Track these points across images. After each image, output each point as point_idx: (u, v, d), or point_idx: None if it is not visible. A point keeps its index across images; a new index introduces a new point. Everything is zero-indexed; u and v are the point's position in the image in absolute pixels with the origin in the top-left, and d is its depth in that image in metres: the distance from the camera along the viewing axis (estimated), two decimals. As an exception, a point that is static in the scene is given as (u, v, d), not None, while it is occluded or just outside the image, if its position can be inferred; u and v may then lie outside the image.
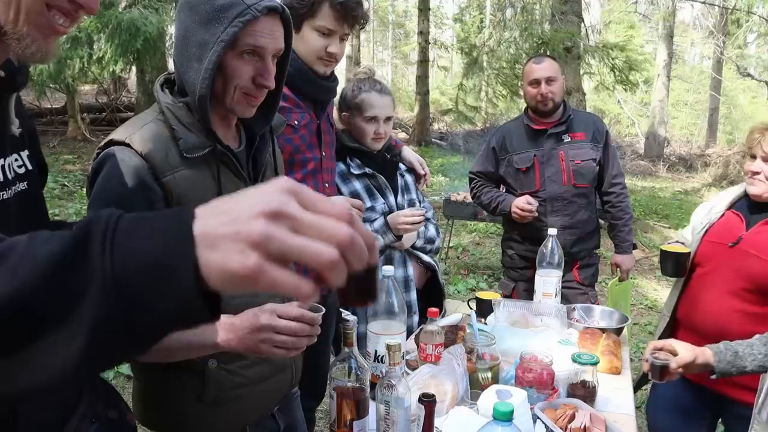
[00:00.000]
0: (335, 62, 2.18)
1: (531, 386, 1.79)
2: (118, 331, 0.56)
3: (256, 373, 1.54)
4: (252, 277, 0.55)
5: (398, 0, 34.93)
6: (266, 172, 1.61)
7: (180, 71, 1.42)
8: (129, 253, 0.56)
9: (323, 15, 2.07)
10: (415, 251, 2.53)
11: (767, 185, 2.12)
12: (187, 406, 1.49)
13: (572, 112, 3.17)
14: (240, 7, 1.34)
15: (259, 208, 0.56)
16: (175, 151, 1.38)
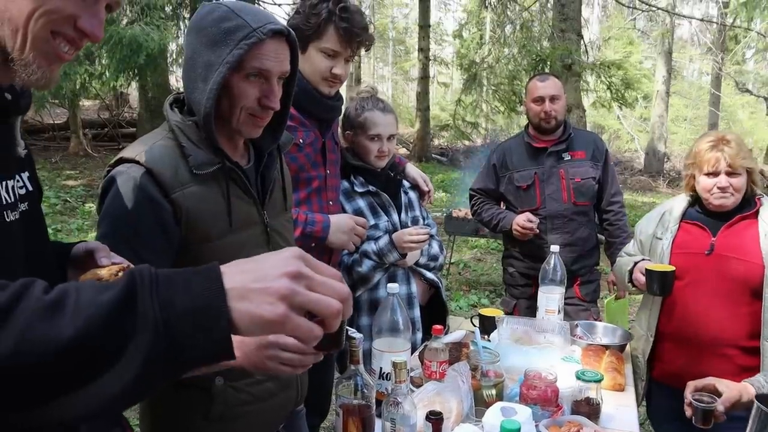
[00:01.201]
0: (340, 83, 2.22)
1: (535, 403, 1.80)
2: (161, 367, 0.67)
3: (263, 391, 1.56)
4: (280, 322, 0.69)
5: (398, 17, 35.21)
6: (274, 189, 1.63)
7: (188, 91, 1.46)
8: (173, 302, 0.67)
9: (329, 37, 2.10)
10: (419, 268, 2.54)
11: (735, 197, 2.26)
12: (193, 423, 1.51)
13: (572, 131, 3.20)
14: (246, 30, 1.37)
15: (283, 269, 0.71)
16: (185, 167, 1.41)
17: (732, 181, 2.24)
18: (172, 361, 0.67)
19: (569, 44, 7.28)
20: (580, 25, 8.02)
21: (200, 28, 1.41)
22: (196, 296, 0.68)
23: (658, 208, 2.56)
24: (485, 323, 2.51)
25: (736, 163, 2.22)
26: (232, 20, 1.38)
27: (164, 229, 1.37)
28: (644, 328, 2.45)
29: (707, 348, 2.23)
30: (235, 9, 1.40)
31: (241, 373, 1.43)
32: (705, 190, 2.30)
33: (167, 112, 1.48)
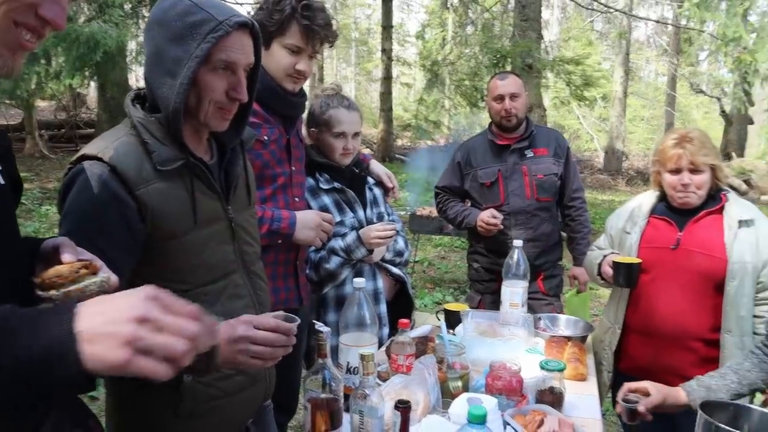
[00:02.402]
0: (304, 79, 2.22)
1: (501, 393, 1.83)
2: (17, 399, 0.75)
3: (231, 385, 1.55)
4: (123, 366, 0.74)
5: (361, 17, 35.23)
6: (238, 184, 1.62)
7: (153, 87, 1.43)
8: (23, 346, 0.73)
9: (292, 33, 2.10)
10: (385, 264, 2.56)
11: (699, 195, 2.31)
12: (163, 421, 1.49)
13: (534, 128, 3.25)
14: (212, 23, 1.37)
15: (131, 313, 0.75)
16: (149, 164, 1.39)
17: (694, 178, 2.28)
18: (26, 395, 0.75)
19: (530, 43, 7.39)
20: (540, 26, 8.15)
21: (163, 22, 1.40)
22: (47, 339, 0.74)
23: (628, 204, 2.60)
24: (450, 318, 2.54)
25: (698, 160, 2.26)
26: (196, 14, 1.38)
27: (129, 226, 1.36)
28: (612, 320, 2.50)
29: (672, 340, 2.28)
30: (197, 2, 1.39)
31: None
32: (670, 187, 2.35)
33: (129, 109, 1.46)
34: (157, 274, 1.38)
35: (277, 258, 2.22)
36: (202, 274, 1.47)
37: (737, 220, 2.26)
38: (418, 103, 9.15)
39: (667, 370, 2.22)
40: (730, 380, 1.82)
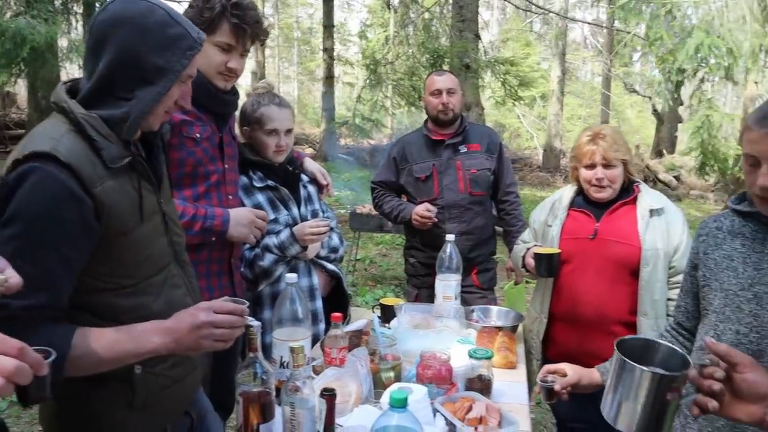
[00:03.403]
0: (235, 77, 2.22)
1: (431, 382, 1.88)
2: None
3: (178, 373, 1.58)
4: None
5: (303, 17, 35.03)
6: (163, 176, 1.64)
7: (119, 91, 1.43)
8: None
9: (222, 31, 2.10)
10: (320, 260, 2.58)
11: (612, 188, 2.43)
12: (114, 417, 1.49)
13: (468, 125, 3.34)
14: (190, 40, 1.45)
15: None
16: (99, 162, 1.38)
17: (607, 173, 2.40)
18: None
19: (466, 43, 7.53)
20: (477, 26, 8.29)
21: (142, 29, 1.41)
22: None
23: (549, 198, 2.71)
24: (386, 312, 2.59)
25: (610, 155, 2.38)
26: (174, 27, 1.44)
27: (86, 225, 1.35)
28: (538, 310, 2.59)
29: (594, 326, 2.39)
30: (171, 13, 1.45)
31: (158, 359, 1.48)
32: (585, 181, 2.46)
33: (68, 104, 1.41)
34: (106, 271, 1.42)
35: (211, 256, 2.21)
36: (147, 268, 1.50)
37: (649, 209, 2.40)
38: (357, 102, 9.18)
39: (591, 354, 2.32)
40: None
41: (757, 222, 1.63)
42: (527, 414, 1.97)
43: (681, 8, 6.62)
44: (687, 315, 1.84)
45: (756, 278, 1.58)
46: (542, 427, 3.79)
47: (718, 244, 1.70)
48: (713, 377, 1.16)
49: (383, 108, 8.94)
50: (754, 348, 1.55)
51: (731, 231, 1.69)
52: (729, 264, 1.65)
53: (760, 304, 1.56)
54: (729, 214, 1.74)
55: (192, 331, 1.39)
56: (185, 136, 2.12)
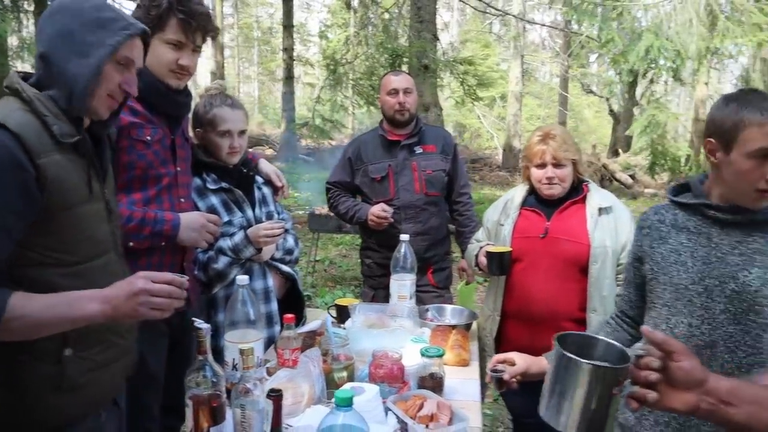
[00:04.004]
0: (188, 75, 2.20)
1: (383, 381, 1.90)
2: None
3: (107, 357, 1.62)
4: None
5: (263, 16, 34.78)
6: (109, 171, 1.72)
7: (57, 62, 1.52)
8: None
9: (171, 28, 2.09)
10: (274, 262, 2.57)
11: (562, 186, 2.49)
12: (42, 399, 1.50)
13: (423, 126, 3.36)
14: (123, 23, 1.57)
15: None
16: (47, 136, 1.47)
17: (557, 172, 2.46)
18: None
19: (424, 44, 7.58)
20: (435, 27, 8.35)
21: (77, 11, 1.54)
22: None
23: (502, 197, 2.76)
24: (341, 312, 2.60)
25: (560, 155, 2.44)
26: (109, 11, 1.57)
27: (26, 192, 1.42)
28: (491, 308, 2.63)
29: (545, 323, 2.43)
30: (108, 4, 1.59)
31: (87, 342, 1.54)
32: (536, 180, 2.52)
33: (21, 85, 1.51)
34: (45, 244, 1.47)
35: (162, 260, 2.18)
36: (87, 249, 1.56)
37: (597, 208, 2.46)
38: (316, 103, 9.16)
39: (543, 350, 2.34)
40: None
41: (702, 216, 1.70)
42: (479, 410, 2.01)
43: (631, 11, 6.80)
44: (630, 304, 1.92)
45: (705, 272, 1.65)
46: (499, 423, 3.85)
47: (662, 238, 1.77)
48: (650, 367, 1.14)
49: (342, 108, 8.93)
50: (706, 339, 1.64)
51: (675, 225, 1.76)
52: (677, 258, 1.71)
53: (710, 297, 1.64)
54: (670, 206, 1.81)
55: (129, 298, 1.43)
56: (135, 138, 2.09)
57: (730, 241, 1.65)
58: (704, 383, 1.12)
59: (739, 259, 1.62)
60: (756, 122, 1.55)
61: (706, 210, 1.69)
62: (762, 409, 1.08)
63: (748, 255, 1.62)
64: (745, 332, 1.61)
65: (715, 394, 1.11)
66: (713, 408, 1.11)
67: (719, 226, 1.67)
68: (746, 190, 1.60)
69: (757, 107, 1.56)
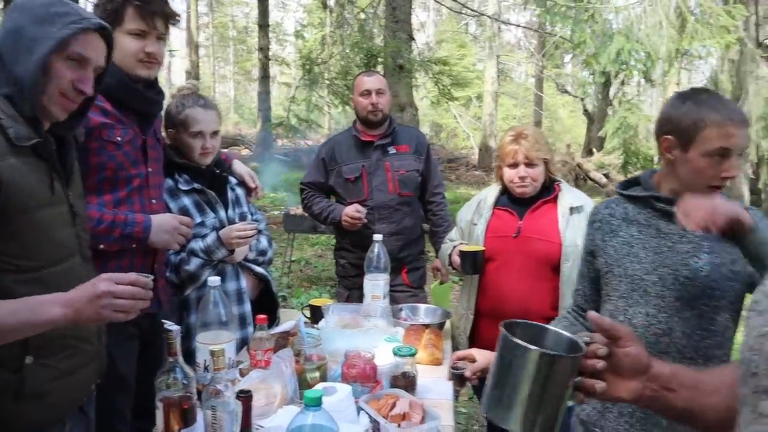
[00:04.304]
0: (156, 63, 2.16)
1: (355, 381, 1.90)
2: None
3: (68, 365, 1.58)
4: None
5: (239, 15, 34.57)
6: (74, 172, 1.69)
7: (7, 62, 1.49)
8: None
9: (130, 18, 2.06)
10: (248, 264, 2.57)
11: (534, 185, 2.52)
12: (2, 405, 1.48)
13: (396, 126, 3.38)
14: (74, 16, 1.51)
15: None
16: (3, 140, 1.44)
17: (529, 171, 2.49)
18: None
19: (399, 44, 7.60)
20: (410, 28, 8.38)
21: (27, 7, 1.51)
22: None
23: (475, 197, 2.78)
24: (315, 313, 2.61)
25: (532, 154, 2.47)
26: (61, 6, 1.51)
27: None
28: (465, 307, 2.65)
29: None
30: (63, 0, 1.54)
31: (50, 350, 1.52)
32: (509, 180, 2.55)
33: None
34: (6, 250, 1.44)
35: (132, 263, 2.16)
36: (50, 253, 1.53)
37: (569, 207, 2.50)
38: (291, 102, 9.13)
39: None
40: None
41: (651, 208, 1.77)
42: (451, 409, 2.02)
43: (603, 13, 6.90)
44: (585, 298, 1.97)
45: (658, 262, 1.72)
46: (474, 421, 3.88)
47: (614, 231, 1.83)
48: (596, 355, 1.06)
49: (317, 108, 8.90)
50: (663, 327, 1.70)
51: (626, 218, 1.82)
52: (629, 250, 1.78)
53: (665, 286, 1.70)
54: (620, 200, 1.88)
55: (92, 301, 1.40)
56: (105, 139, 2.06)
57: (678, 231, 1.72)
58: (648, 369, 1.08)
59: (688, 247, 1.70)
60: (715, 123, 1.61)
61: (655, 203, 1.76)
62: (701, 394, 1.06)
63: (696, 242, 1.70)
64: (699, 316, 1.69)
65: (658, 380, 1.08)
66: (656, 394, 1.08)
67: (668, 218, 1.74)
68: (700, 186, 1.67)
69: (714, 108, 1.63)
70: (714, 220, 1.49)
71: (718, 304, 1.68)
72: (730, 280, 1.68)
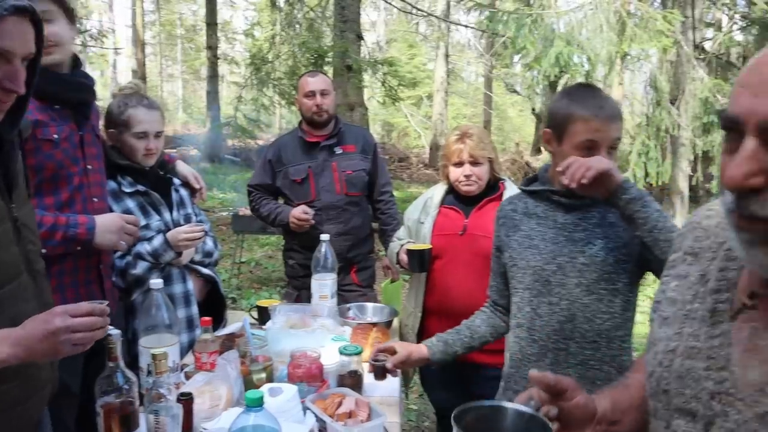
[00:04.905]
0: (55, 45, 2.01)
1: (302, 381, 1.91)
2: None
3: (18, 395, 1.48)
4: None
5: (187, 13, 33.94)
6: (19, 179, 1.53)
7: None
8: None
9: None
10: (194, 265, 2.54)
11: (479, 184, 2.57)
12: None
13: (342, 126, 3.37)
14: None
15: None
16: None
17: (474, 170, 2.54)
18: None
19: (348, 44, 7.60)
20: (359, 27, 8.39)
21: None
22: None
23: (422, 196, 2.82)
24: (263, 314, 2.60)
25: (477, 153, 2.52)
26: None
27: None
28: (412, 304, 2.69)
29: (464, 317, 2.47)
30: None
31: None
32: (454, 179, 2.59)
33: None
34: None
35: (76, 265, 2.11)
36: None
37: None
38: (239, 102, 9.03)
39: None
40: (463, 335, 2.04)
41: (548, 201, 1.85)
42: (398, 406, 2.04)
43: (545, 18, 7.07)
44: (499, 293, 2.04)
45: (556, 251, 1.79)
46: (425, 418, 3.92)
47: (516, 226, 1.91)
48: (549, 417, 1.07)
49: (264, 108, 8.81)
50: (566, 314, 1.77)
51: (526, 212, 1.90)
52: (530, 243, 1.85)
53: (564, 273, 1.77)
54: (522, 196, 1.96)
55: (46, 339, 1.31)
56: (41, 138, 1.99)
57: (573, 221, 1.80)
58: (596, 413, 1.11)
59: (583, 235, 1.78)
60: (582, 117, 1.70)
61: (551, 195, 1.84)
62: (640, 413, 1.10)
63: (591, 230, 1.77)
64: (598, 300, 1.75)
65: (604, 420, 1.11)
66: None
67: (563, 210, 1.82)
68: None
69: (583, 103, 1.72)
70: (586, 174, 1.58)
71: (616, 287, 1.75)
72: (625, 262, 1.74)
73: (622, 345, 1.80)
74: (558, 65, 6.62)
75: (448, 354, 2.01)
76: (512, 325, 1.94)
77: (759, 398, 0.77)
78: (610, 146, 1.72)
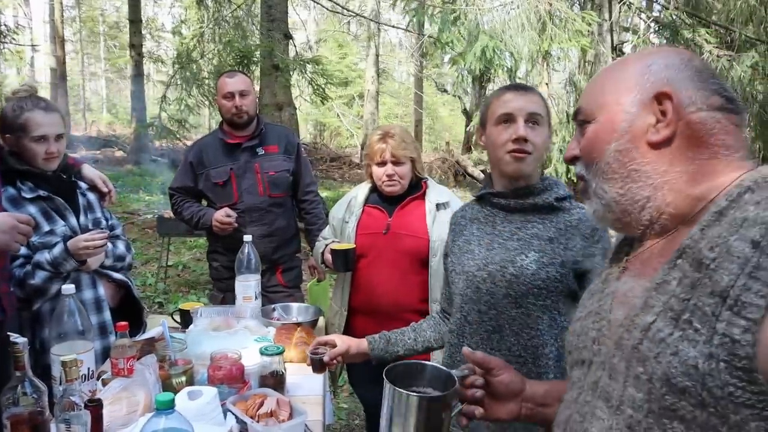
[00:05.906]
0: None
1: (222, 383, 1.90)
2: None
3: None
4: None
5: (110, 10, 32.79)
6: None
7: None
8: None
9: None
10: (105, 270, 2.46)
11: (402, 183, 2.60)
12: None
13: (264, 126, 3.33)
14: None
15: None
16: None
17: (397, 170, 2.57)
18: None
19: (275, 43, 7.54)
20: (287, 26, 8.33)
21: None
22: None
23: (347, 195, 2.83)
24: (185, 317, 2.56)
25: (399, 153, 2.55)
26: None
27: None
28: (338, 304, 2.70)
29: (389, 315, 2.52)
30: None
31: None
32: (377, 178, 2.61)
33: None
34: None
35: None
36: None
37: (435, 203, 2.60)
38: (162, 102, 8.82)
39: None
40: (408, 336, 2.02)
41: (490, 205, 1.85)
42: (321, 404, 2.05)
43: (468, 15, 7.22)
44: (448, 301, 2.02)
45: (488, 258, 1.76)
46: (356, 416, 3.94)
47: (460, 231, 1.92)
48: (474, 385, 1.23)
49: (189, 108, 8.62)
50: (494, 324, 1.74)
51: (471, 218, 1.91)
52: (468, 248, 1.84)
53: (494, 282, 1.73)
54: (473, 202, 1.98)
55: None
56: None
57: (510, 228, 1.77)
58: (522, 392, 1.24)
59: (517, 244, 1.74)
60: (495, 95, 1.79)
61: (492, 198, 1.83)
62: None
63: (526, 240, 1.73)
64: (526, 315, 1.70)
65: (533, 400, 1.24)
66: (532, 412, 1.24)
67: (504, 214, 1.81)
68: (502, 156, 1.75)
69: (499, 89, 1.82)
70: None
71: (545, 303, 1.69)
72: (557, 281, 1.68)
73: (549, 363, 1.70)
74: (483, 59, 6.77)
75: (389, 352, 1.98)
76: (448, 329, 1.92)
77: (619, 332, 0.92)
78: (527, 119, 1.72)
